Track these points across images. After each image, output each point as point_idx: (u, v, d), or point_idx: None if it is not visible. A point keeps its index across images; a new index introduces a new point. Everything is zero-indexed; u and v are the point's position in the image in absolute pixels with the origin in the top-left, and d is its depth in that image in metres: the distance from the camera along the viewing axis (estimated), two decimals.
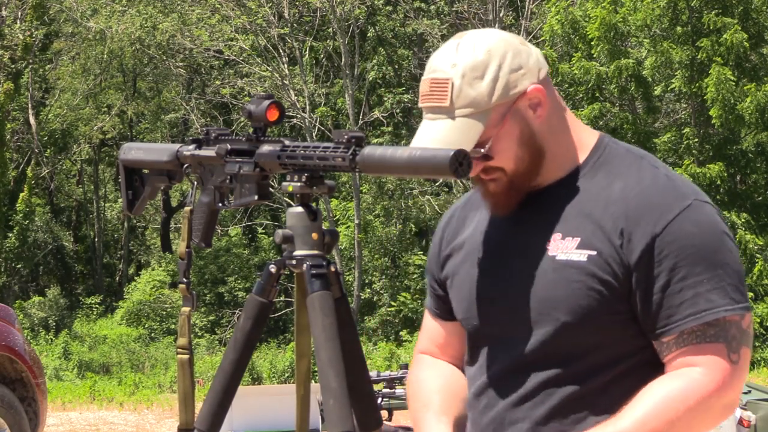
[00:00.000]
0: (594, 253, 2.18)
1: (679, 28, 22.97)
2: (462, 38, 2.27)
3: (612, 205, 2.20)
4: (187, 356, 2.59)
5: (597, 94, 23.77)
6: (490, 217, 2.35)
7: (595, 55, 23.45)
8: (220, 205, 2.60)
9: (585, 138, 2.30)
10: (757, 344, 21.07)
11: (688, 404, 2.11)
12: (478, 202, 2.38)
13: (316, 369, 2.36)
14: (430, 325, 2.53)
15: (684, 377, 2.13)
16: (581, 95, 23.92)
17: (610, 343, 2.20)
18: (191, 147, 2.64)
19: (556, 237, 2.23)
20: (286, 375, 23.46)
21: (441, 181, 27.07)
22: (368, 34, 31.27)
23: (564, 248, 2.21)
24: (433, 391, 2.44)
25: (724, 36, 22.23)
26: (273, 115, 2.48)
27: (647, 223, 2.15)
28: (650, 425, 2.13)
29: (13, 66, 29.49)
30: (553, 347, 2.23)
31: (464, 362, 2.43)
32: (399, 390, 5.94)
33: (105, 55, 32.07)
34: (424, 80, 2.26)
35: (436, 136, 2.21)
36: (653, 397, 2.14)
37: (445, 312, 2.48)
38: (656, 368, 2.20)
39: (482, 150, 2.23)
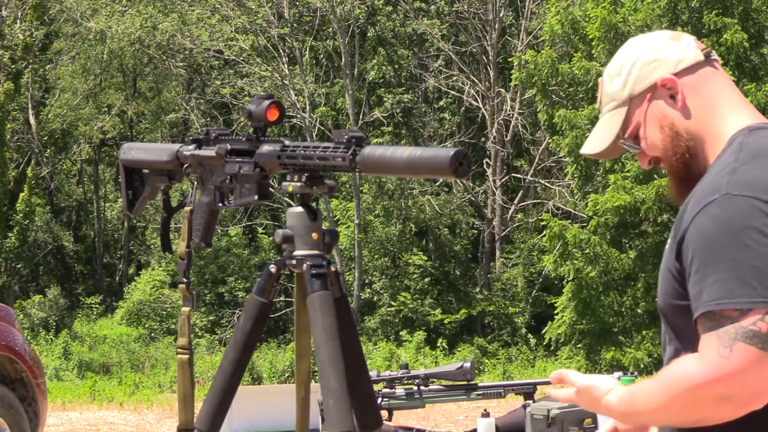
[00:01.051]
0: (670, 241, 2.29)
1: (679, 28, 22.95)
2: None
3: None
4: (187, 356, 2.59)
5: (598, 94, 23.71)
6: None
7: (595, 56, 23.43)
8: (220, 205, 2.60)
9: (727, 128, 2.32)
10: None
11: (677, 390, 2.16)
12: None
13: (316, 369, 2.36)
14: None
15: (683, 363, 2.19)
16: (581, 95, 23.91)
17: (692, 330, 2.24)
18: (191, 147, 2.64)
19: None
20: (286, 375, 23.44)
21: (441, 180, 27.04)
22: (368, 34, 31.24)
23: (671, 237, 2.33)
24: None
25: (724, 36, 22.23)
26: (273, 115, 2.48)
27: (686, 219, 2.23)
28: (635, 406, 2.24)
29: (13, 66, 29.46)
30: (664, 330, 2.35)
31: None
32: (399, 390, 5.86)
33: (105, 55, 32.03)
34: None
35: (592, 133, 2.49)
36: (656, 377, 2.22)
37: None
38: None
39: (623, 141, 2.40)
